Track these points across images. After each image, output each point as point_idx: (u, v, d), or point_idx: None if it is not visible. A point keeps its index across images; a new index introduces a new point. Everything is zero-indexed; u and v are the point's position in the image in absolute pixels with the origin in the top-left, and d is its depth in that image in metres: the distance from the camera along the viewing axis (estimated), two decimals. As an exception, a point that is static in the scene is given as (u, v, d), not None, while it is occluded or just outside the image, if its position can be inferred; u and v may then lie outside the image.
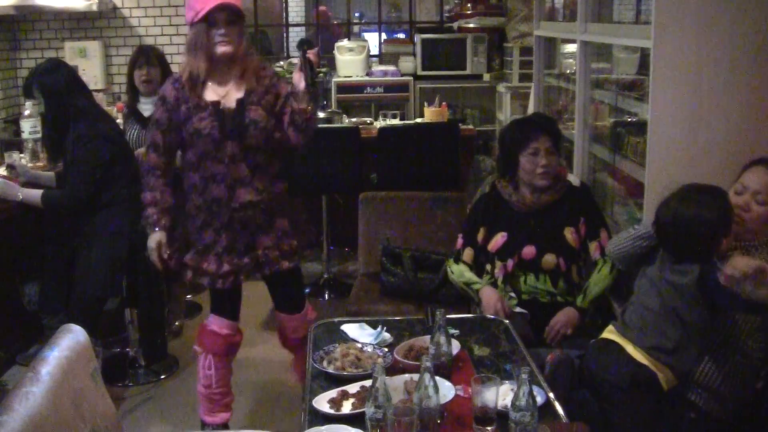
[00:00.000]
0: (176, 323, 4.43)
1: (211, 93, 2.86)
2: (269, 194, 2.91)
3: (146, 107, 4.15)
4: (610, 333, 2.52)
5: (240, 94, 2.85)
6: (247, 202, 2.86)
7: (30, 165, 4.11)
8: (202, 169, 2.86)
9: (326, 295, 4.91)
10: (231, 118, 2.82)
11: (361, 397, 2.12)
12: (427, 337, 2.39)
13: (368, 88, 5.82)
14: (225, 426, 3.14)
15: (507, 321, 2.77)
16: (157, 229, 2.92)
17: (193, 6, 2.80)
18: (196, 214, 2.92)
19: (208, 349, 3.06)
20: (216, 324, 3.06)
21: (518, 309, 3.00)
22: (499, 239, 3.09)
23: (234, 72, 2.86)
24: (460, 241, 3.24)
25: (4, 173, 3.80)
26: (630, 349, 2.41)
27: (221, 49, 2.79)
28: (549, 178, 3.04)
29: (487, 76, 6.03)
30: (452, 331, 2.51)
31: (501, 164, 3.22)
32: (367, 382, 2.12)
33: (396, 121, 5.51)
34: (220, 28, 2.77)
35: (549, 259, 3.02)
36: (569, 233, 3.03)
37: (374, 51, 6.67)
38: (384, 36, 7.14)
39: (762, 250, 2.42)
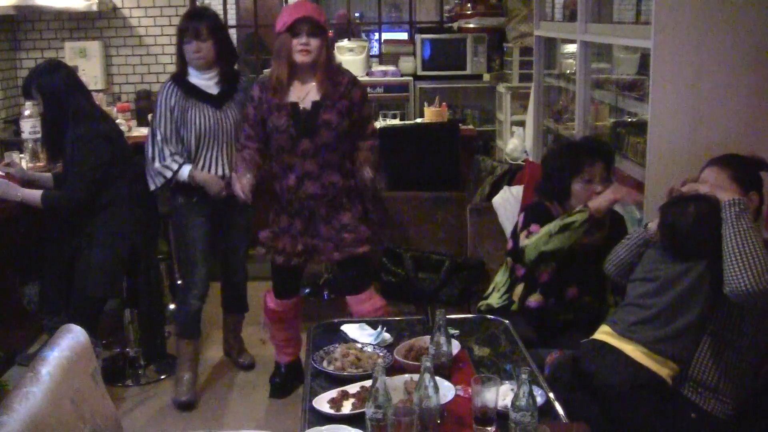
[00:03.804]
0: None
1: (293, 94, 3.17)
2: (336, 189, 3.20)
3: (202, 82, 3.51)
4: (604, 334, 2.52)
5: (317, 97, 3.14)
6: (312, 194, 3.18)
7: (30, 165, 4.11)
8: (280, 160, 3.21)
9: (326, 295, 4.91)
10: (305, 118, 3.13)
11: (361, 397, 2.12)
12: (427, 337, 2.39)
13: (368, 88, 5.81)
14: (289, 364, 3.66)
15: (507, 321, 2.77)
16: (241, 172, 3.19)
17: (281, 17, 3.13)
18: (276, 199, 3.30)
19: (265, 314, 3.57)
20: (270, 299, 3.50)
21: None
22: (548, 270, 2.92)
23: (315, 77, 3.15)
24: (535, 227, 2.87)
25: (4, 173, 3.80)
26: (628, 349, 2.41)
27: (300, 57, 3.09)
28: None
29: (487, 76, 6.03)
30: (452, 331, 2.50)
31: (547, 190, 3.00)
32: (367, 382, 2.12)
33: (396, 121, 5.51)
34: (302, 37, 3.07)
35: (586, 299, 2.97)
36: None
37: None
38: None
39: None
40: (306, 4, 3.16)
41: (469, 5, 6.32)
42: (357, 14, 8.77)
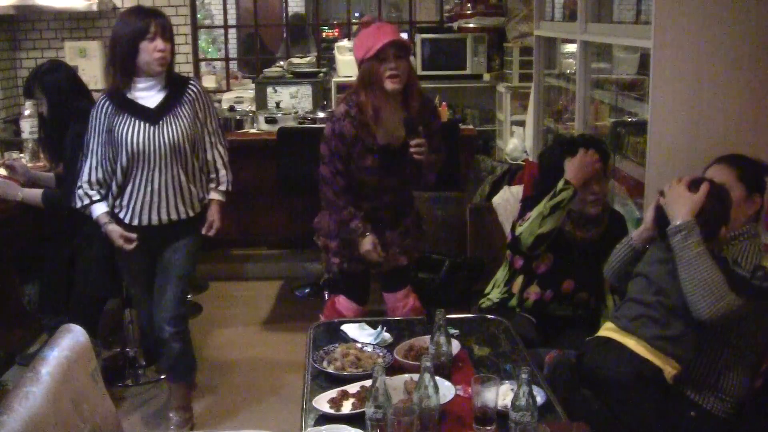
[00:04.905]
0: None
1: (382, 131, 3.03)
2: (404, 203, 3.21)
3: (142, 94, 3.04)
4: (607, 330, 2.52)
5: (403, 133, 3.02)
6: (383, 217, 3.15)
7: (30, 165, 4.11)
8: (357, 189, 3.10)
9: (326, 295, 4.91)
10: (394, 158, 3.04)
11: (361, 397, 2.12)
12: (427, 337, 2.39)
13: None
14: None
15: (507, 321, 2.77)
16: (367, 234, 3.07)
17: (363, 44, 2.98)
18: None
19: None
20: (344, 306, 3.28)
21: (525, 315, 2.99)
22: (546, 261, 2.95)
23: (406, 107, 3.02)
24: (529, 215, 2.90)
25: (4, 173, 3.80)
26: (631, 344, 2.41)
27: (391, 85, 2.94)
28: (600, 206, 2.91)
29: (487, 76, 6.03)
30: (452, 331, 2.50)
31: (543, 187, 2.96)
32: (367, 382, 2.12)
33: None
34: (390, 62, 2.93)
35: (583, 296, 2.98)
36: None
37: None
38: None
39: (746, 237, 2.46)
40: (386, 26, 3.07)
41: (469, 5, 6.32)
42: (357, 14, 8.77)
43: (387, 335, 2.61)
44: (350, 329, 2.66)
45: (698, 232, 2.31)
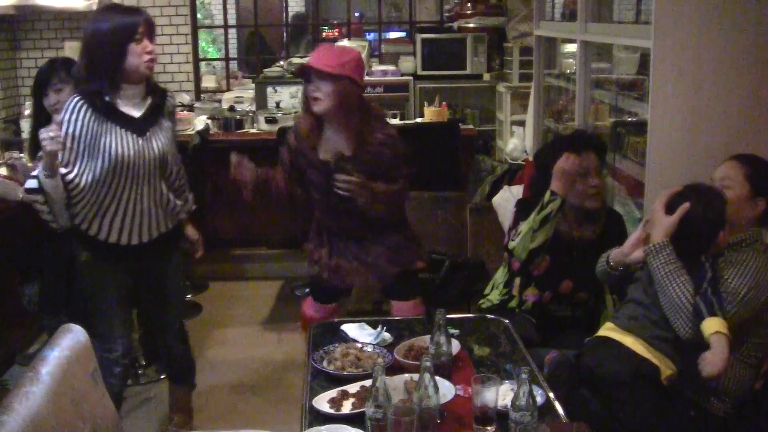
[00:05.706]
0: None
1: (325, 148, 3.00)
2: (378, 217, 3.03)
3: (124, 101, 2.77)
4: (606, 330, 2.53)
5: (348, 153, 2.96)
6: (355, 236, 3.08)
7: (30, 165, 4.11)
8: (319, 204, 3.12)
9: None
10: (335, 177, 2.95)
11: (361, 397, 2.12)
12: (427, 337, 2.39)
13: (368, 87, 5.81)
14: None
15: (507, 321, 2.77)
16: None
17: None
18: (316, 217, 3.20)
19: (304, 326, 3.32)
20: (309, 305, 3.33)
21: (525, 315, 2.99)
22: (542, 263, 2.93)
23: (346, 127, 2.96)
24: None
25: (5, 173, 3.80)
26: (629, 341, 2.42)
27: (314, 106, 2.92)
28: (600, 200, 2.91)
29: (487, 76, 6.03)
30: (452, 331, 2.50)
31: (540, 185, 2.90)
32: (367, 382, 2.12)
33: (396, 121, 5.50)
34: (310, 85, 2.90)
35: (581, 296, 2.98)
36: None
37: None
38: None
39: (747, 244, 2.44)
40: (320, 49, 3.06)
41: (469, 5, 6.32)
42: (357, 14, 8.77)
43: (387, 335, 2.61)
44: (350, 329, 2.66)
45: (667, 253, 2.33)
